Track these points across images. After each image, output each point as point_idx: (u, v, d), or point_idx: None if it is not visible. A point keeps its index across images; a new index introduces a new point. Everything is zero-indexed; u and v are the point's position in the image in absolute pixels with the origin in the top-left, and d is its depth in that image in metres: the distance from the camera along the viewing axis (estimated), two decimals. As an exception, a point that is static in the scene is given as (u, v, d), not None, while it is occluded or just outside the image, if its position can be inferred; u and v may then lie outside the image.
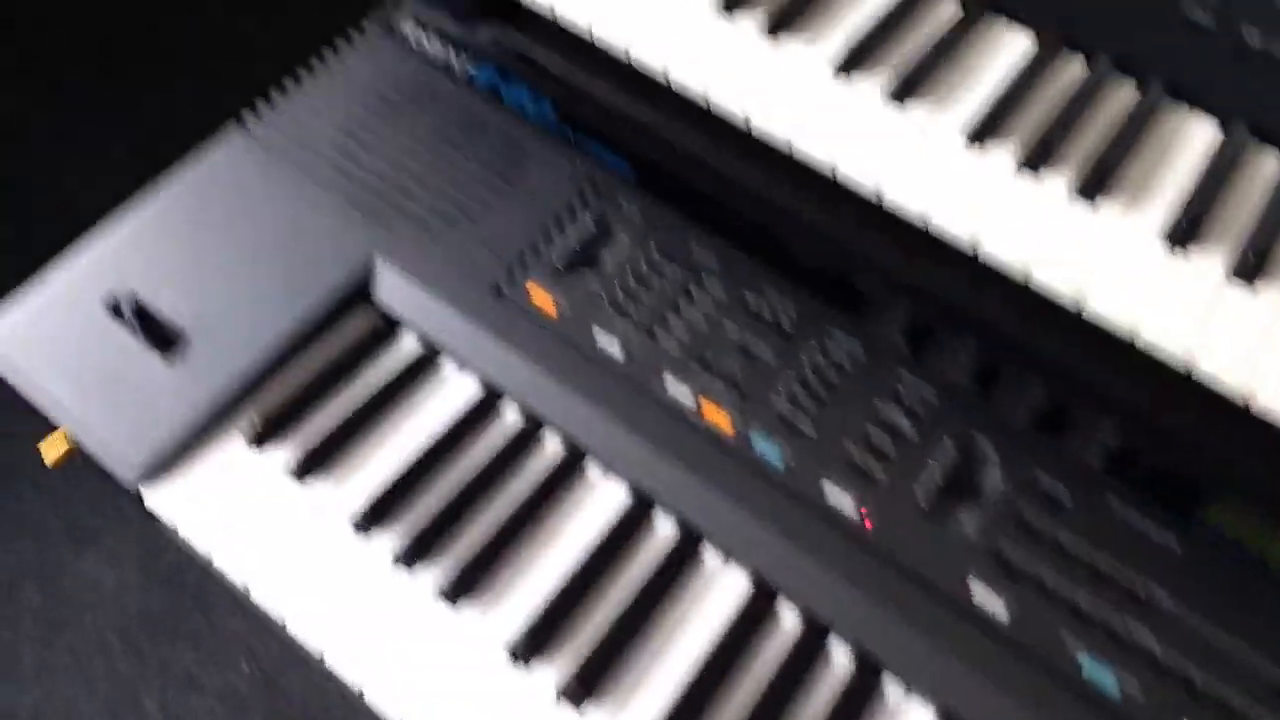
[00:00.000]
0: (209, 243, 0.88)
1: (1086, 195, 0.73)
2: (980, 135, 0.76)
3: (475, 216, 0.89)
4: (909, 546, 0.75)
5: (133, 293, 0.84)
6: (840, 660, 0.75)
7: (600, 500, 0.80)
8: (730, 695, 0.73)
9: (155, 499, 0.78)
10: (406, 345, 0.87)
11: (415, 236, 0.88)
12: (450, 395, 0.85)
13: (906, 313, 0.85)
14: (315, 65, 0.98)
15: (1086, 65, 0.83)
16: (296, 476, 0.79)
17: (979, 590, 0.73)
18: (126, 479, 0.77)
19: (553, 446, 0.83)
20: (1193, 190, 0.75)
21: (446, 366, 0.86)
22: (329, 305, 0.85)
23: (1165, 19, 0.83)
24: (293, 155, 0.93)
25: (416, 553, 0.76)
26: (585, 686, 0.72)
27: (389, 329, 0.87)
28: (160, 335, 0.82)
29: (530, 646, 0.73)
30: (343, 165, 0.92)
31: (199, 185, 0.91)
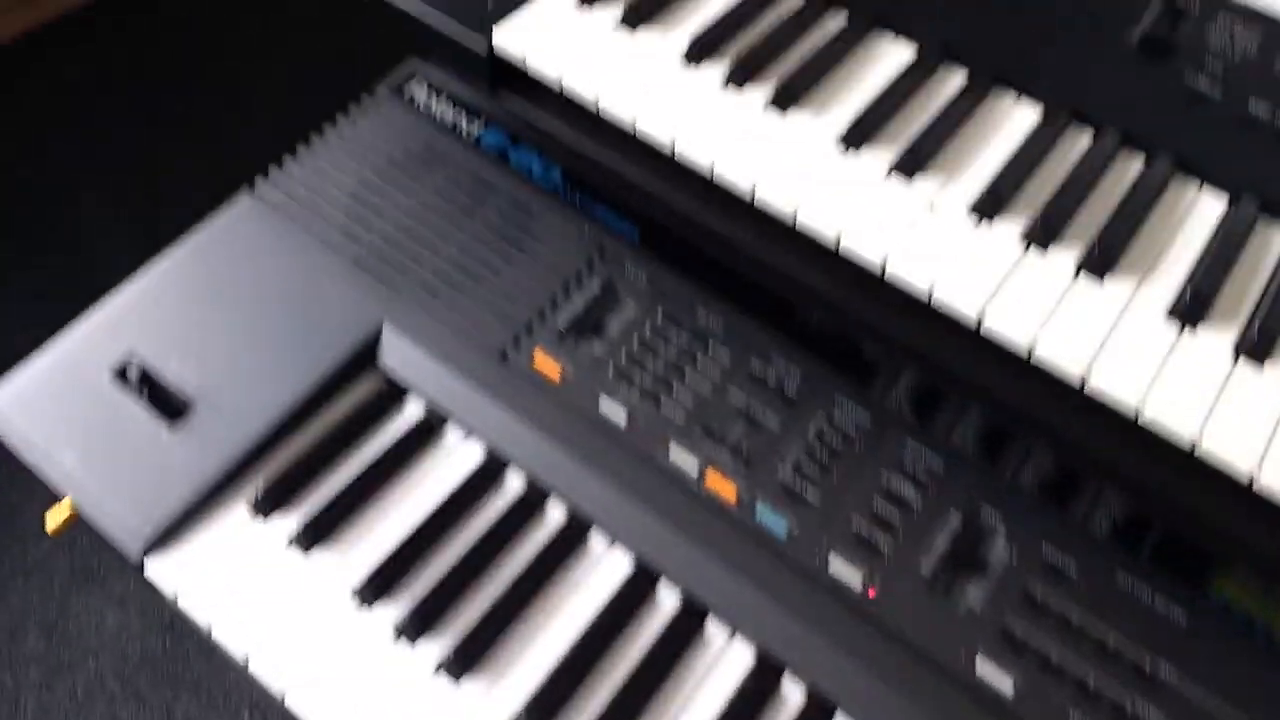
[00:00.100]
0: (217, 308, 0.88)
1: (1093, 271, 0.73)
2: (986, 210, 0.76)
3: (482, 281, 0.89)
4: (914, 620, 0.74)
5: (140, 360, 0.84)
6: (845, 736, 0.74)
7: (604, 570, 0.80)
8: (734, 773, 0.72)
9: (155, 570, 0.78)
10: (411, 411, 0.87)
11: (422, 301, 0.88)
12: (455, 462, 0.84)
13: (913, 381, 0.84)
14: (326, 129, 0.99)
15: (1093, 138, 0.83)
16: (299, 547, 0.79)
17: (984, 665, 0.72)
18: (130, 551, 0.77)
19: (556, 515, 0.82)
20: (1200, 266, 0.75)
21: (451, 434, 0.86)
22: (335, 371, 0.85)
23: (1169, 90, 0.83)
24: (302, 219, 0.93)
25: (418, 627, 0.76)
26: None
27: (395, 394, 0.87)
28: (166, 403, 0.82)
29: (534, 722, 0.72)
30: (351, 229, 0.92)
31: (208, 250, 0.92)
